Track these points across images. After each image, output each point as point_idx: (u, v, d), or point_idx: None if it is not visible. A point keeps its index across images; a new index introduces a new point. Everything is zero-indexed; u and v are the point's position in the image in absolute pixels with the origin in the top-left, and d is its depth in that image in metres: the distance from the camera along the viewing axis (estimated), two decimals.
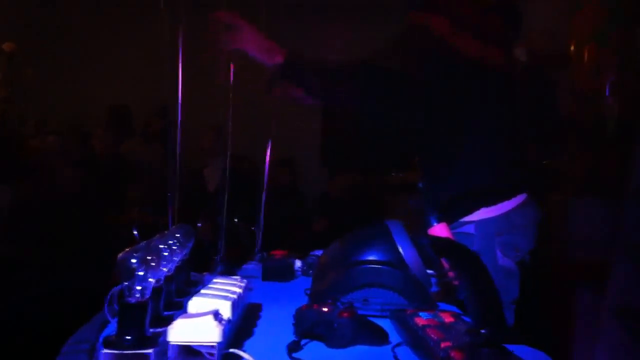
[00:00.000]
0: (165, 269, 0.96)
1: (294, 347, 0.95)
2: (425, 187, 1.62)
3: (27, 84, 4.49)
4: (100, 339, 0.96)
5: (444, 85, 1.51)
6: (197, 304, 0.94)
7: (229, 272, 1.50)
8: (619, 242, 2.05)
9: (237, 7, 1.74)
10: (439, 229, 1.30)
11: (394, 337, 1.04)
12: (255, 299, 1.26)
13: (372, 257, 1.21)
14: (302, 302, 1.12)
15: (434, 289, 1.35)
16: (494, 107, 1.56)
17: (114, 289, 0.89)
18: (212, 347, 0.84)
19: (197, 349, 0.86)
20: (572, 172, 2.78)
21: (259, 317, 1.16)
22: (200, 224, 1.55)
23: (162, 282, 0.97)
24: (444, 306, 1.25)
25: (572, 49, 2.96)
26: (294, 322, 1.02)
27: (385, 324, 1.06)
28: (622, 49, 2.71)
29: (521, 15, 1.64)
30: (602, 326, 1.98)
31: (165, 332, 0.84)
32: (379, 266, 1.20)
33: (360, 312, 1.08)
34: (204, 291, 1.00)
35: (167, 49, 1.47)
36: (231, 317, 0.95)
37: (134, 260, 0.83)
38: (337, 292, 1.18)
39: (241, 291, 1.06)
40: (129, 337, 0.81)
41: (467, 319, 1.00)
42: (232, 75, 1.64)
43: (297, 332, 1.01)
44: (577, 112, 2.94)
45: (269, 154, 1.85)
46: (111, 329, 0.96)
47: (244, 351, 0.89)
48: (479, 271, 0.81)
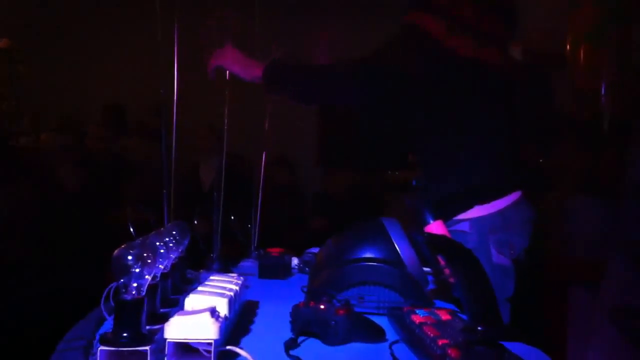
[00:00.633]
0: (161, 266, 0.96)
1: (291, 344, 0.95)
2: (419, 185, 1.62)
3: (21, 81, 4.46)
4: (96, 336, 0.96)
5: (439, 84, 1.51)
6: (193, 301, 0.94)
7: (225, 270, 1.50)
8: (614, 240, 2.06)
9: (232, 4, 1.75)
10: (435, 227, 1.30)
11: (391, 334, 1.04)
12: (251, 297, 1.26)
13: (368, 255, 1.21)
14: (299, 299, 1.12)
15: (431, 286, 1.36)
16: (489, 105, 1.56)
17: (110, 286, 0.88)
18: (209, 344, 0.84)
19: (194, 346, 0.86)
20: (568, 170, 2.79)
21: (255, 315, 1.16)
22: (196, 222, 1.54)
23: (158, 279, 0.97)
24: (440, 304, 1.25)
25: (570, 47, 2.97)
26: (290, 320, 1.02)
27: (381, 322, 1.06)
28: (620, 47, 2.72)
29: (518, 14, 1.64)
30: (596, 325, 1.99)
31: (161, 329, 0.84)
32: (375, 264, 1.20)
33: (356, 309, 1.08)
34: (200, 288, 1.00)
35: (162, 47, 1.47)
36: (228, 314, 0.95)
37: (130, 257, 0.83)
38: (333, 290, 1.18)
39: (238, 288, 1.06)
40: (125, 334, 0.80)
41: (464, 317, 1.00)
42: (228, 74, 1.68)
43: (293, 330, 1.01)
44: (574, 111, 2.94)
45: (265, 152, 1.85)
46: (107, 326, 0.95)
47: (241, 348, 0.89)
48: (474, 268, 0.81)
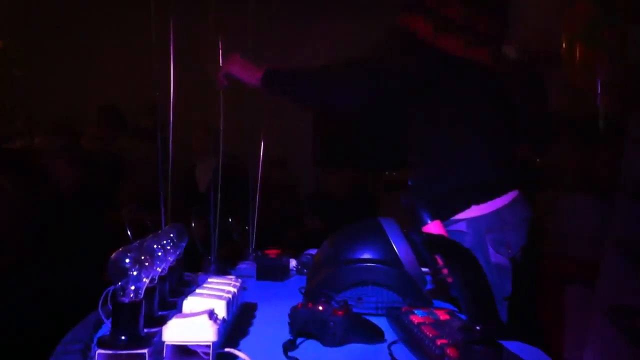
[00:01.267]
0: (158, 269, 0.96)
1: (290, 346, 0.95)
2: (415, 185, 1.63)
3: (16, 82, 4.44)
4: (94, 339, 0.95)
5: (432, 84, 1.52)
6: (191, 303, 0.93)
7: (222, 272, 1.49)
8: (609, 238, 2.06)
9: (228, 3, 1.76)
10: (433, 227, 1.30)
11: (389, 335, 1.04)
12: (250, 298, 1.26)
13: (366, 255, 1.21)
14: (297, 301, 1.12)
15: (429, 286, 1.36)
16: (482, 105, 1.57)
17: (107, 289, 0.88)
18: (208, 347, 0.84)
19: (193, 348, 0.86)
20: (564, 169, 2.79)
21: (254, 317, 1.16)
22: (193, 224, 1.54)
23: (155, 282, 0.96)
24: (438, 304, 1.25)
25: (564, 46, 2.97)
26: (289, 321, 1.02)
27: (380, 322, 1.06)
28: (614, 46, 2.72)
29: (509, 14, 1.65)
30: (592, 322, 1.99)
31: (160, 332, 0.84)
32: (373, 264, 1.20)
33: (354, 310, 1.08)
34: (198, 291, 1.00)
35: (158, 47, 1.47)
36: (226, 317, 0.95)
37: (127, 260, 0.83)
38: (331, 291, 1.18)
39: (235, 291, 1.06)
40: (123, 337, 0.80)
41: (462, 317, 1.01)
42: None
43: (292, 331, 1.01)
44: (570, 110, 2.95)
45: (262, 153, 1.85)
46: (105, 330, 0.95)
47: (239, 350, 0.89)
48: (472, 268, 0.81)
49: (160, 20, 1.47)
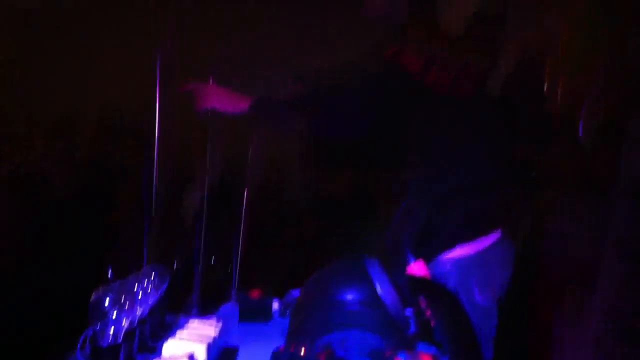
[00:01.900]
0: (139, 311, 0.94)
1: None
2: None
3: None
4: None
5: (417, 119, 1.53)
6: (171, 347, 0.92)
7: (204, 313, 1.47)
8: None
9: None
10: (416, 267, 1.30)
11: None
12: (232, 341, 1.24)
13: (349, 297, 1.20)
14: (280, 343, 1.10)
15: (412, 329, 1.34)
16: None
17: (86, 332, 0.86)
18: None
19: None
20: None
21: None
22: (175, 264, 1.52)
23: (135, 324, 0.95)
24: (422, 347, 1.24)
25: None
26: None
27: None
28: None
29: (494, 40, 1.68)
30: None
31: None
32: (357, 308, 1.19)
33: (338, 353, 1.07)
34: (178, 334, 0.99)
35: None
36: None
37: (107, 301, 0.81)
38: (314, 334, 1.16)
39: (216, 334, 1.04)
40: None
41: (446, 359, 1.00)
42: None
43: None
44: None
45: (247, 190, 1.84)
46: None
47: None
48: (455, 310, 0.80)
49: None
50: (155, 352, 1.01)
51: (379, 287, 1.22)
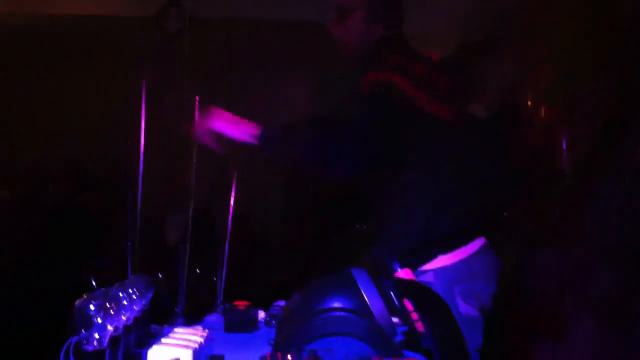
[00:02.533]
0: (124, 317, 0.93)
1: None
2: (384, 239, 1.62)
3: None
4: None
5: (404, 138, 1.55)
6: (156, 352, 0.91)
7: (190, 324, 1.45)
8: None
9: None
10: (403, 274, 1.30)
11: None
12: (217, 351, 1.23)
13: (336, 305, 1.20)
14: (266, 352, 1.09)
15: (399, 337, 1.34)
16: (445, 159, 1.59)
17: (70, 339, 0.85)
18: None
19: None
20: (527, 222, 2.83)
21: None
22: (160, 275, 1.51)
23: (120, 331, 0.94)
24: (409, 355, 1.24)
25: (529, 104, 3.08)
26: None
27: None
28: (576, 104, 2.82)
29: (469, 74, 1.72)
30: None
31: None
32: (343, 314, 1.18)
33: (326, 359, 1.06)
34: (164, 340, 0.98)
35: (130, 102, 1.48)
36: None
37: (92, 307, 0.81)
38: (301, 342, 1.16)
39: (202, 341, 1.04)
40: None
41: None
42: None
43: None
44: (532, 165, 3.02)
45: (232, 206, 1.84)
46: None
47: None
48: (442, 312, 0.81)
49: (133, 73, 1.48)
50: (140, 359, 1.00)
51: (366, 296, 1.22)
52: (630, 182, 1.94)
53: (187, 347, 0.94)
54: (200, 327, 1.15)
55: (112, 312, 0.84)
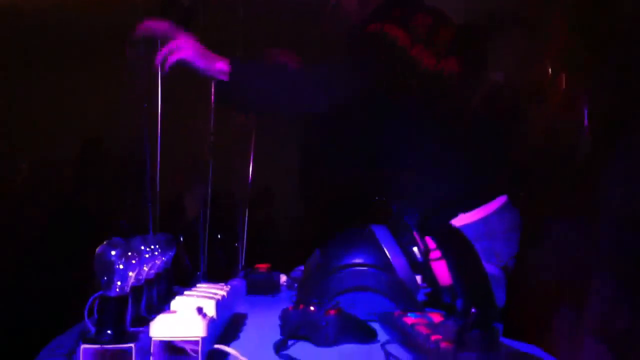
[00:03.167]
0: (145, 268, 0.94)
1: (281, 345, 0.93)
2: (399, 209, 1.59)
3: None
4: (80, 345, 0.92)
5: (408, 93, 1.50)
6: (180, 303, 0.91)
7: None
8: (599, 259, 2.04)
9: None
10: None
11: (382, 336, 1.01)
12: (240, 310, 1.23)
13: (358, 260, 1.19)
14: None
15: (421, 297, 1.33)
16: (459, 114, 1.55)
17: (93, 296, 0.85)
18: (196, 343, 0.81)
19: (181, 345, 0.83)
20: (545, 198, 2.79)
21: (244, 324, 1.13)
22: (182, 239, 1.52)
23: (142, 281, 0.94)
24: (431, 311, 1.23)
25: (547, 79, 3.01)
26: (280, 324, 1.00)
27: (373, 326, 1.03)
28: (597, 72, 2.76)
29: (477, 35, 1.67)
30: (583, 342, 1.95)
31: (147, 329, 0.82)
32: (365, 269, 1.18)
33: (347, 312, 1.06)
34: (187, 292, 0.98)
35: (144, 81, 1.46)
36: (215, 317, 0.93)
37: (113, 252, 0.81)
38: (323, 296, 1.16)
39: (225, 294, 1.04)
40: (109, 332, 0.77)
41: (456, 320, 0.98)
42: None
43: (283, 332, 0.98)
44: (550, 143, 2.97)
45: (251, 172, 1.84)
46: None
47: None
48: (466, 250, 0.80)
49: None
50: (162, 311, 1.00)
51: (387, 251, 1.21)
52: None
53: (210, 297, 0.94)
54: (223, 284, 1.15)
55: (134, 262, 0.84)
